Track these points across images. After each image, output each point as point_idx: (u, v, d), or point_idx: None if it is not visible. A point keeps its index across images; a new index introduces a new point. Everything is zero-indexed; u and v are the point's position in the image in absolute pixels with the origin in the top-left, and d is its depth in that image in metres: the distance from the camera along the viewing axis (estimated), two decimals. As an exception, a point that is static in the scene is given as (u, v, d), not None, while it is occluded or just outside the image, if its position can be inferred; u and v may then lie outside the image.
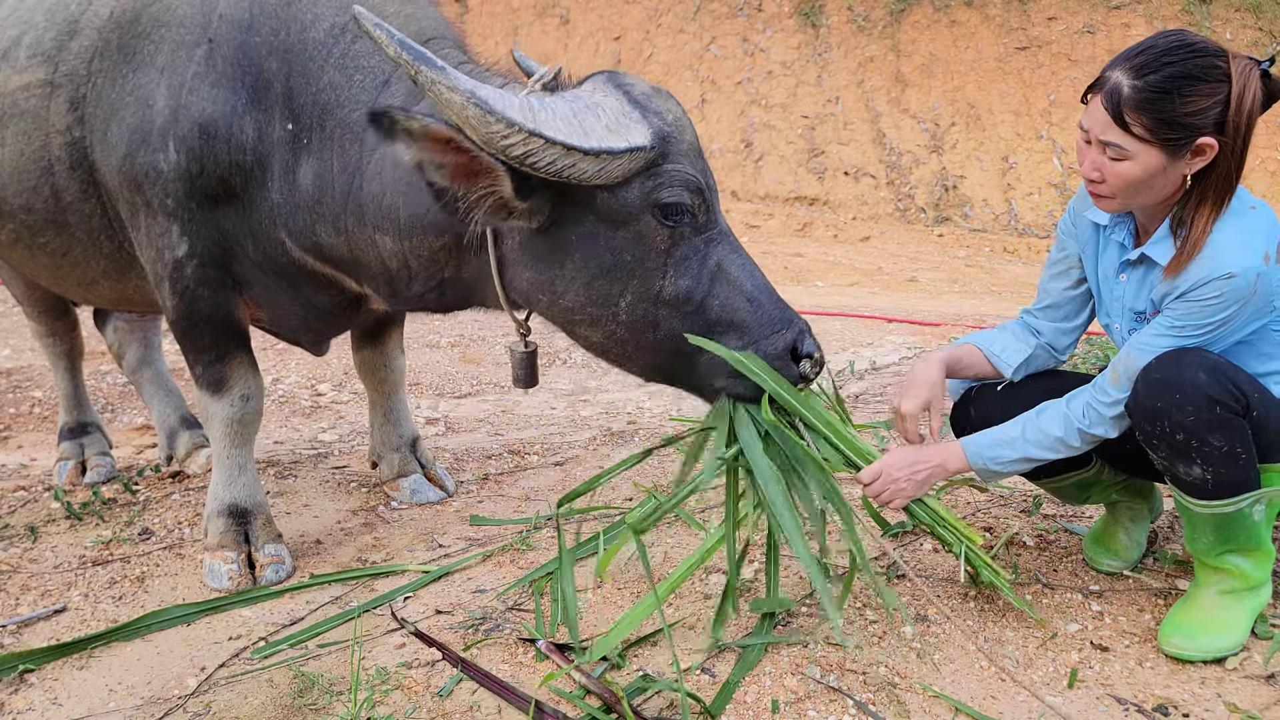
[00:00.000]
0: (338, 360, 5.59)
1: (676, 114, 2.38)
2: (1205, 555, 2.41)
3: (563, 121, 2.17)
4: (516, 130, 2.08)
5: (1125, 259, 2.42)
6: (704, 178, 2.36)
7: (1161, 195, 2.25)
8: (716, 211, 2.42)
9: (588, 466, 3.97)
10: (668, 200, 2.28)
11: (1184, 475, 2.28)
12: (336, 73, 2.60)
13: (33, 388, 5.53)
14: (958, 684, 2.31)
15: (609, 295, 2.35)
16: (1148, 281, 2.38)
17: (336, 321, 3.17)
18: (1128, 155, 2.16)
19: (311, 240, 2.72)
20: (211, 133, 2.65)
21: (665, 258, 2.33)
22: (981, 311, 8.13)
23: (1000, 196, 11.81)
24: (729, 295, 2.35)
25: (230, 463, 3.07)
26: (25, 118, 2.95)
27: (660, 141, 2.28)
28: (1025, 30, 12.39)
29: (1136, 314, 2.44)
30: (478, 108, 2.06)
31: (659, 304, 2.34)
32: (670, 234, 2.31)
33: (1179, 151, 2.15)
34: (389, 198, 2.53)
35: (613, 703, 2.20)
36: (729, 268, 2.36)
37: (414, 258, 2.58)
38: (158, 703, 2.38)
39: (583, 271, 2.35)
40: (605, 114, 2.27)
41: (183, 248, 2.79)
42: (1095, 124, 2.19)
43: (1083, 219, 2.54)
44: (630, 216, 2.30)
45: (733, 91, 13.20)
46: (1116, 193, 2.24)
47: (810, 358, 2.37)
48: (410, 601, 2.82)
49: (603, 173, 2.21)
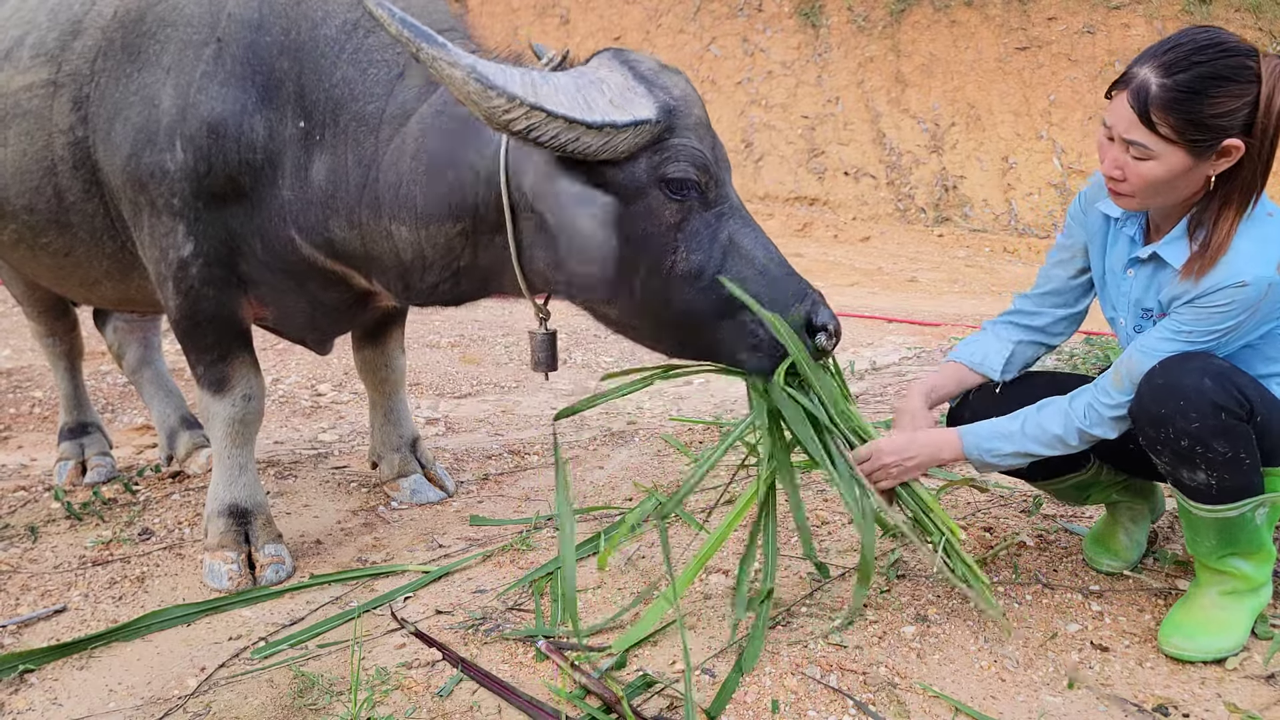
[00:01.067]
0: (338, 360, 5.60)
1: (683, 89, 2.37)
2: (1207, 558, 2.40)
3: (566, 96, 2.17)
4: (518, 104, 2.08)
5: (1135, 255, 2.40)
6: (712, 152, 2.36)
7: (1182, 196, 2.23)
8: (727, 186, 2.41)
9: (588, 466, 3.97)
10: (674, 175, 2.29)
11: (1188, 480, 2.27)
12: (350, 68, 2.61)
13: (33, 388, 5.53)
14: (958, 684, 2.31)
15: (623, 271, 2.36)
16: (1156, 280, 2.36)
17: (343, 319, 3.17)
18: (1152, 155, 2.13)
19: (324, 236, 2.72)
20: (221, 132, 2.66)
21: (675, 232, 2.33)
22: (981, 311, 8.13)
23: (1000, 196, 11.81)
24: (741, 269, 2.34)
25: (231, 463, 3.07)
26: (28, 118, 2.95)
27: (666, 115, 2.28)
28: (1025, 30, 12.39)
29: (1144, 310, 2.42)
30: (479, 82, 2.07)
31: (671, 278, 2.34)
32: (679, 208, 2.32)
33: (1205, 153, 2.11)
34: (405, 186, 2.54)
35: (613, 702, 2.20)
36: (741, 241, 2.36)
37: (430, 246, 2.58)
38: (158, 703, 2.38)
39: (596, 248, 2.34)
40: (610, 89, 2.26)
41: (188, 247, 2.79)
42: (1120, 121, 2.15)
43: (1094, 210, 2.51)
44: (638, 192, 2.31)
45: (733, 91, 13.21)
46: (1138, 192, 2.20)
47: (825, 330, 2.36)
48: (410, 601, 2.83)
49: (608, 147, 2.21)
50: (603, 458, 4.07)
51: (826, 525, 3.19)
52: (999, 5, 12.55)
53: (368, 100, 2.59)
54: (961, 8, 12.65)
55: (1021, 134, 12.02)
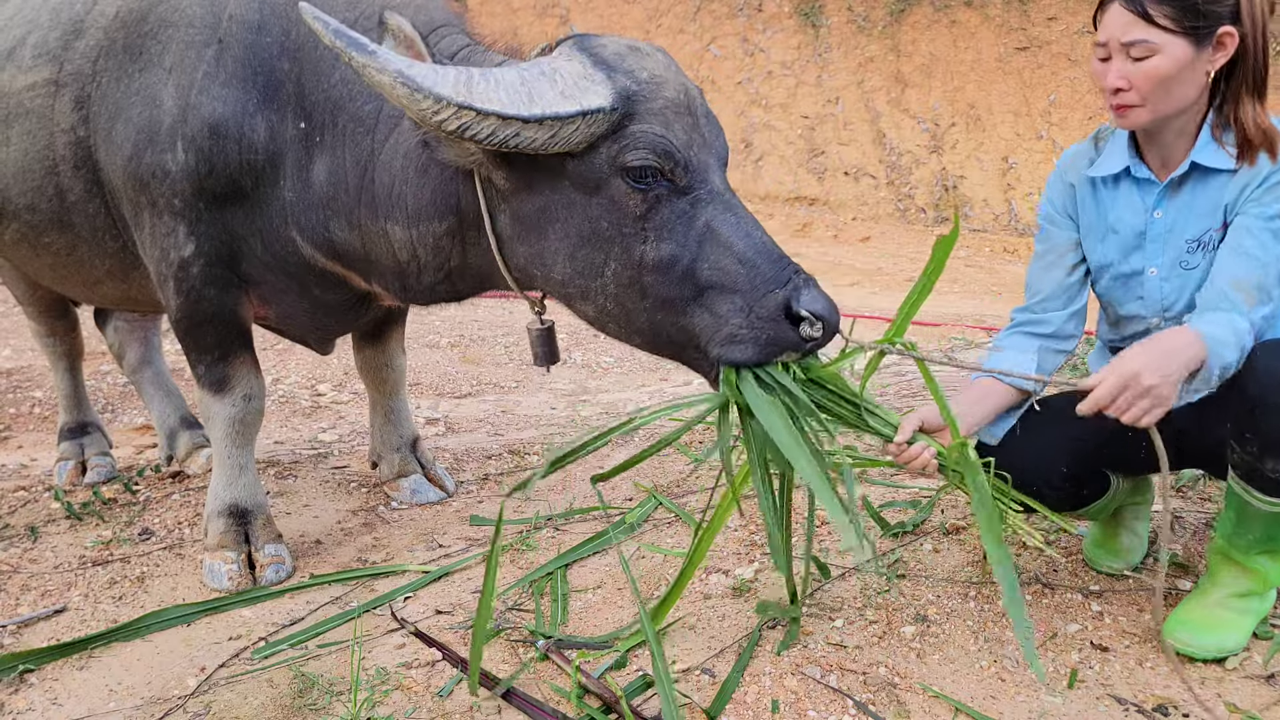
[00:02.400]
0: (338, 360, 5.59)
1: (652, 71, 2.28)
2: (1240, 552, 2.37)
3: (505, 92, 2.14)
4: (446, 105, 2.08)
5: (1164, 185, 2.32)
6: (686, 135, 2.25)
7: (1189, 98, 2.21)
8: (707, 170, 2.28)
9: (588, 466, 3.97)
10: (633, 164, 2.21)
11: (1271, 472, 2.19)
12: (348, 68, 2.61)
13: (33, 388, 5.53)
14: (957, 684, 2.31)
15: (593, 265, 2.32)
16: (1200, 197, 2.29)
17: (344, 319, 3.17)
18: (1155, 50, 2.14)
19: (324, 237, 2.72)
20: (222, 133, 2.66)
21: (643, 223, 2.25)
22: (981, 311, 8.13)
23: (1000, 196, 11.81)
24: (718, 257, 2.23)
25: (231, 463, 3.07)
26: (30, 117, 2.95)
27: (624, 102, 2.21)
28: (1025, 30, 12.39)
29: (1188, 241, 2.32)
30: (405, 86, 2.07)
31: (643, 271, 2.27)
32: (644, 198, 2.24)
33: (1204, 41, 2.14)
34: (398, 186, 2.55)
35: (612, 703, 2.20)
36: (719, 228, 2.25)
37: (421, 246, 2.58)
38: (158, 703, 2.38)
39: (565, 242, 2.33)
40: (562, 79, 2.21)
41: (189, 247, 2.79)
42: (1116, 28, 2.17)
43: (1071, 185, 2.47)
44: (600, 183, 2.25)
45: (733, 92, 13.20)
46: (1146, 97, 2.19)
47: (810, 317, 2.18)
48: (410, 601, 2.83)
49: (557, 139, 2.17)
50: (603, 458, 4.07)
51: (826, 525, 3.19)
52: (999, 5, 12.55)
53: (364, 100, 2.59)
54: (961, 8, 12.65)
55: (1021, 134, 12.02)
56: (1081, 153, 2.51)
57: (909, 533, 3.09)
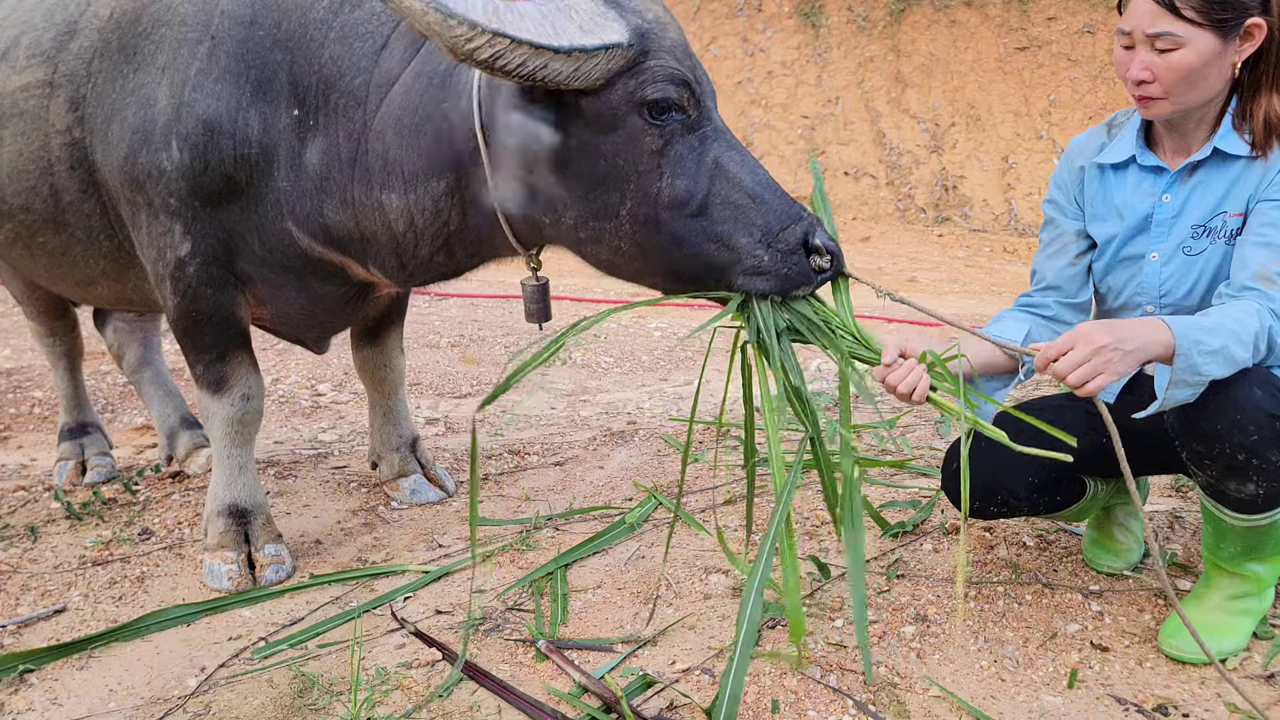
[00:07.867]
0: (338, 360, 5.59)
1: (657, 12, 2.31)
2: (1227, 563, 2.37)
3: (531, 23, 2.13)
4: (480, 31, 2.04)
5: (1180, 169, 2.30)
6: (692, 72, 2.29)
7: (1213, 89, 2.19)
8: (711, 109, 2.34)
9: (588, 466, 3.97)
10: (653, 96, 2.22)
11: (1234, 492, 2.19)
12: (338, 45, 2.61)
13: (33, 388, 5.53)
14: (957, 684, 2.31)
15: (609, 205, 2.31)
16: (1213, 186, 2.27)
17: (342, 314, 3.16)
18: (1181, 43, 2.10)
19: (319, 222, 2.71)
20: (216, 129, 2.66)
21: (659, 159, 2.26)
22: (981, 311, 8.12)
23: (1000, 196, 11.81)
24: (730, 193, 2.27)
25: (230, 463, 3.07)
26: (24, 118, 2.95)
27: (639, 39, 2.22)
28: (1025, 30, 12.38)
29: (1194, 227, 2.30)
30: (437, 11, 2.03)
31: (659, 207, 2.27)
32: (661, 133, 2.25)
33: (1231, 34, 2.10)
34: (392, 152, 2.54)
35: (612, 703, 2.20)
36: (728, 164, 2.29)
37: (419, 212, 2.56)
38: (158, 703, 2.38)
39: (579, 184, 2.32)
40: (579, 15, 2.21)
41: (185, 246, 2.79)
42: (1141, 19, 2.13)
43: (1078, 170, 2.45)
44: (617, 119, 2.25)
45: (733, 91, 13.20)
46: (1170, 90, 2.16)
47: (823, 251, 2.25)
48: (410, 601, 2.83)
49: (579, 74, 2.16)
50: (603, 458, 4.07)
51: (826, 525, 3.19)
52: (999, 5, 12.54)
53: (355, 74, 2.58)
54: (961, 8, 12.64)
55: (1021, 134, 12.02)
56: (1094, 136, 2.49)
57: (909, 533, 3.09)
